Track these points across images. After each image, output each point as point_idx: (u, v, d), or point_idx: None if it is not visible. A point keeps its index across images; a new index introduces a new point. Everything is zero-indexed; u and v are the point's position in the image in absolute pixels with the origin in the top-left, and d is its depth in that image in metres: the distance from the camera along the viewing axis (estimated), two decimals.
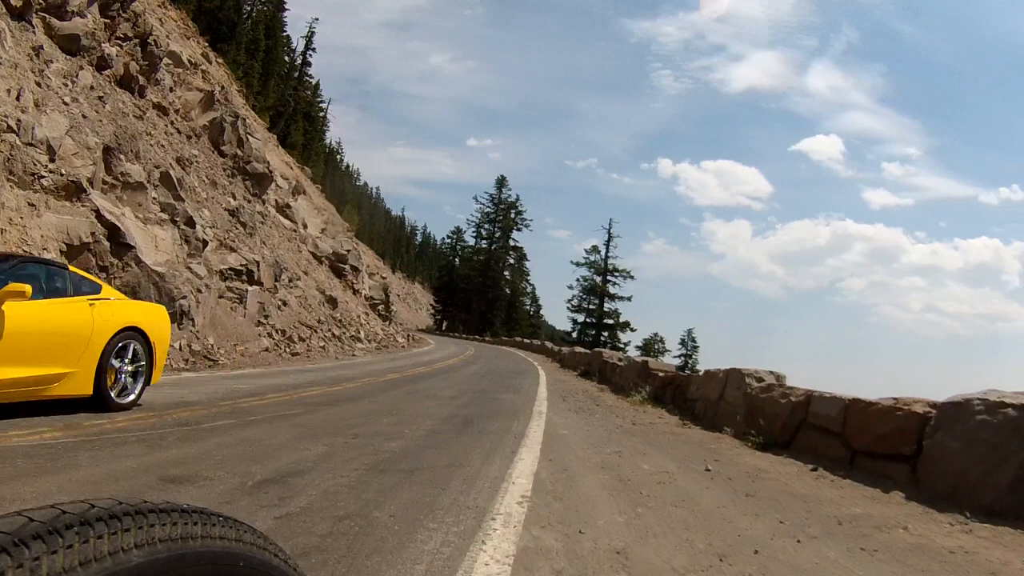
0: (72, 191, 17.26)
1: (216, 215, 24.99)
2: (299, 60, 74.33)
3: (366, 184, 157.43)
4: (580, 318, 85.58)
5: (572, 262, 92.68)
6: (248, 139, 34.56)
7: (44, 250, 15.69)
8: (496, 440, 9.11)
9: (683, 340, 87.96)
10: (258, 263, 24.07)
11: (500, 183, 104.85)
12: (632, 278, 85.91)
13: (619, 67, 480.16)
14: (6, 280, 7.21)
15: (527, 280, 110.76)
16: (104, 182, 19.02)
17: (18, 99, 17.18)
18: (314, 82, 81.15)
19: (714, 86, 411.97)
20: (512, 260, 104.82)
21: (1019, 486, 5.93)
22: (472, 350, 48.59)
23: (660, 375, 17.57)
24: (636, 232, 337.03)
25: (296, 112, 71.07)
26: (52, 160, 17.04)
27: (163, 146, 24.31)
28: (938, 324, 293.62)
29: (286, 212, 38.34)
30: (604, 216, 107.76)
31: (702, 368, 22.50)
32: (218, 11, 54.19)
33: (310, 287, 32.59)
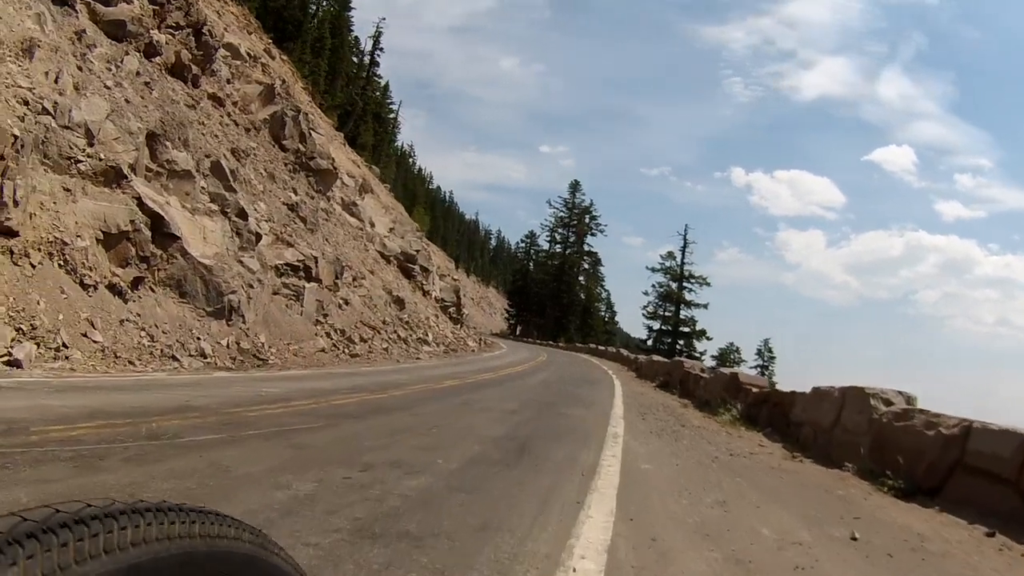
0: (112, 177, 15.96)
1: (273, 209, 23.60)
2: (367, 60, 73.95)
3: (439, 187, 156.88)
4: (655, 325, 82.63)
5: (648, 267, 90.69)
6: (311, 134, 33.42)
7: (77, 237, 14.39)
8: (557, 479, 6.98)
9: (759, 350, 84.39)
10: (316, 259, 22.52)
11: (574, 188, 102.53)
12: (708, 284, 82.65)
13: (689, 73, 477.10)
14: None
15: (602, 286, 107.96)
16: (148, 169, 17.71)
17: (56, 82, 16.01)
18: (383, 83, 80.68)
19: (784, 93, 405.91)
20: (586, 265, 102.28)
21: None
22: (544, 356, 46.64)
23: (753, 391, 15.45)
24: (710, 240, 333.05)
25: (365, 112, 70.52)
26: (91, 144, 15.81)
27: (216, 136, 23.06)
28: (1012, 337, 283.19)
29: (352, 210, 37.09)
30: (678, 224, 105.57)
31: (779, 380, 20.36)
32: (283, 10, 53.73)
33: (376, 287, 31.16)
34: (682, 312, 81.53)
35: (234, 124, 26.40)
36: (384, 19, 70.55)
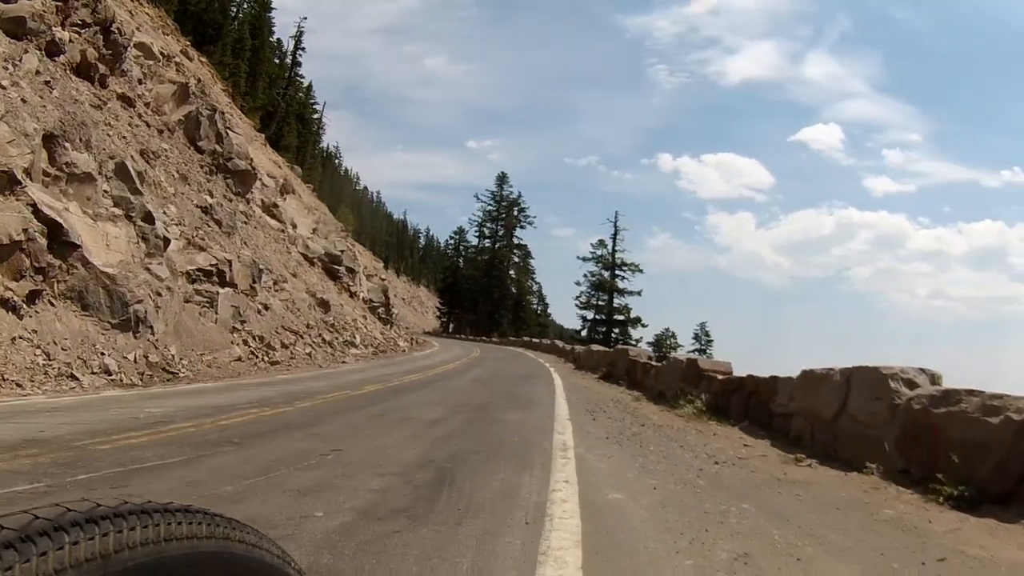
0: (3, 183, 14.89)
1: (185, 212, 22.57)
2: (288, 61, 72.55)
3: (366, 188, 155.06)
4: (589, 315, 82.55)
5: (579, 257, 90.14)
6: (228, 134, 32.33)
7: None
8: (485, 537, 4.85)
9: (696, 334, 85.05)
10: (230, 263, 21.57)
11: (501, 180, 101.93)
12: (641, 271, 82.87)
13: (615, 64, 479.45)
14: None
15: (533, 279, 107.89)
16: (46, 173, 16.64)
17: None
18: (306, 84, 79.43)
19: (711, 79, 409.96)
20: (517, 258, 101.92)
21: None
22: (478, 352, 46.13)
23: (719, 378, 13.80)
24: (640, 228, 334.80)
25: (288, 114, 69.38)
26: None
27: (124, 137, 21.96)
28: (946, 309, 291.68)
29: (273, 212, 36.09)
30: (607, 213, 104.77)
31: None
32: (203, 13, 52.56)
33: (299, 290, 30.28)
34: (616, 300, 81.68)
35: (145, 125, 25.26)
36: (305, 19, 69.40)
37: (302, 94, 77.87)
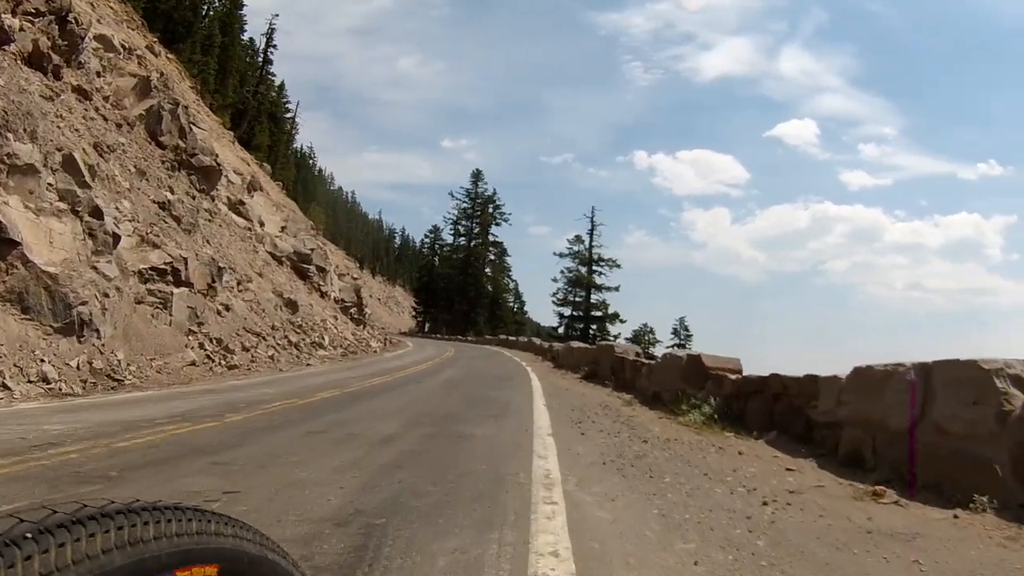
0: None
1: (140, 207, 21.39)
2: (260, 58, 71.26)
3: (340, 188, 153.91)
4: (567, 312, 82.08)
5: (555, 253, 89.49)
6: (192, 130, 31.12)
7: None
8: None
9: (675, 329, 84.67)
10: (186, 260, 20.38)
11: (476, 177, 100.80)
12: (618, 267, 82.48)
13: (589, 61, 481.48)
14: None
15: (509, 276, 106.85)
16: None
17: None
18: (278, 83, 78.16)
19: (685, 75, 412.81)
20: (492, 256, 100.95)
21: None
22: (452, 351, 45.08)
23: (731, 377, 11.79)
24: (616, 225, 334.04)
25: (260, 113, 68.08)
26: None
27: (76, 130, 20.82)
28: (923, 300, 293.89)
29: (239, 209, 34.91)
30: (583, 211, 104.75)
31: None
32: (173, 11, 51.14)
33: (264, 290, 29.18)
34: (593, 296, 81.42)
35: (102, 119, 24.10)
36: (277, 15, 67.53)
37: (274, 93, 76.71)
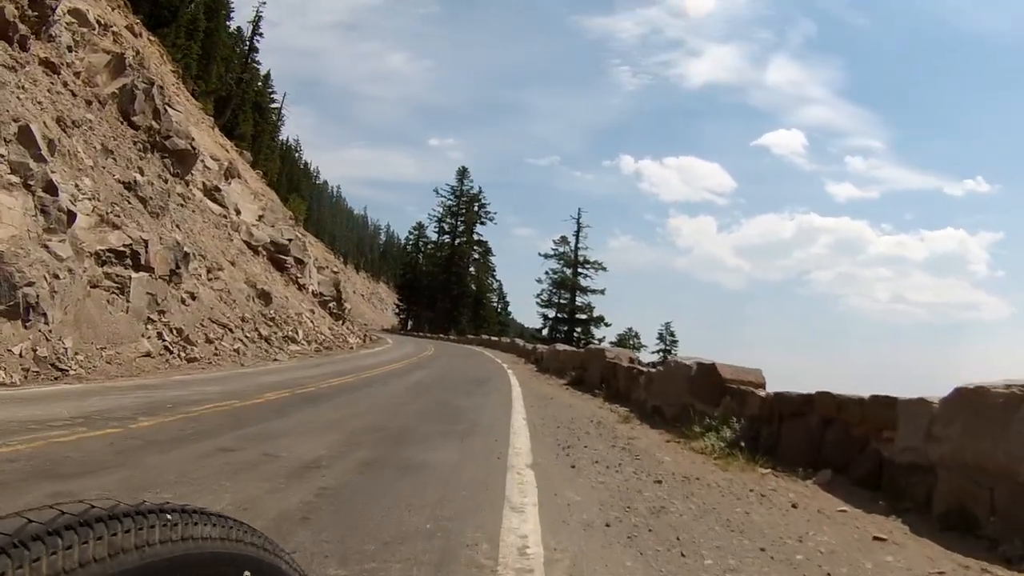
0: None
1: (102, 186, 20.10)
2: (246, 46, 70.01)
3: (326, 183, 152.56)
4: (551, 313, 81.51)
5: (540, 254, 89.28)
6: (167, 111, 29.86)
7: None
8: None
9: (661, 334, 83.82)
10: (146, 243, 19.07)
11: (461, 174, 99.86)
12: (604, 269, 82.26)
13: (578, 64, 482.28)
14: None
15: (493, 276, 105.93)
16: None
17: None
18: (264, 73, 76.91)
19: (673, 81, 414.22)
20: (477, 255, 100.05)
21: None
22: (432, 350, 44.07)
23: (758, 394, 9.39)
24: (602, 229, 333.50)
25: (244, 102, 66.83)
26: None
27: (39, 103, 19.60)
28: (906, 313, 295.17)
29: (214, 196, 33.69)
30: (568, 213, 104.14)
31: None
32: None
33: (236, 279, 27.94)
34: (578, 299, 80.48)
35: (70, 94, 22.85)
36: (264, 3, 66.09)
37: (260, 83, 75.54)
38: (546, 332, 78.79)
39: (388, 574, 4.16)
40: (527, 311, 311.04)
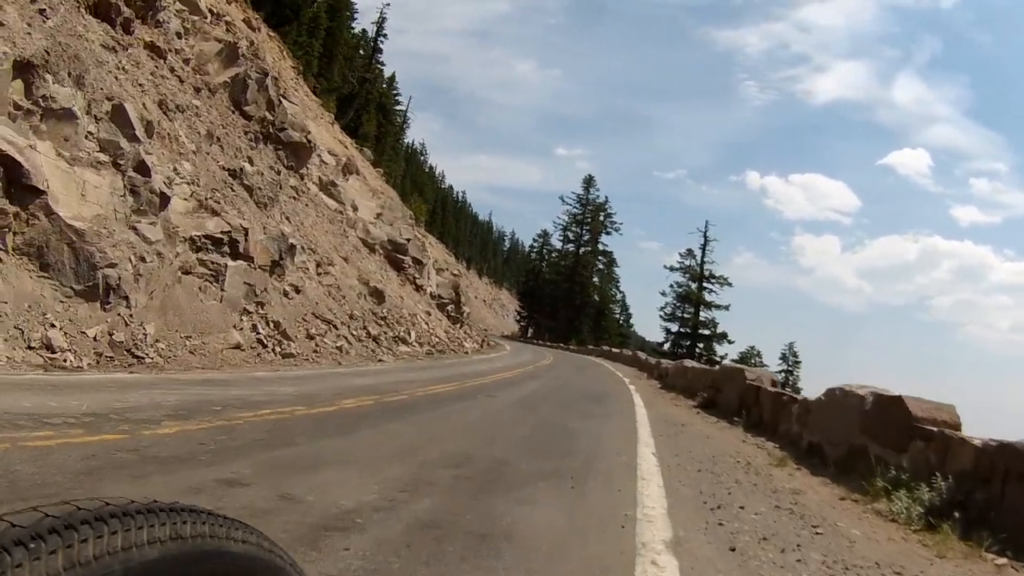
0: None
1: (203, 171, 18.99)
2: (371, 46, 69.96)
3: (451, 187, 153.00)
4: (674, 327, 78.21)
5: (666, 266, 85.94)
6: (281, 102, 29.02)
7: None
8: None
9: (784, 354, 79.68)
10: (246, 231, 17.71)
11: (588, 183, 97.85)
12: (730, 285, 78.21)
13: (704, 77, 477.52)
14: None
15: (617, 287, 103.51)
16: (17, 106, 13.27)
17: None
18: (388, 74, 76.98)
19: (799, 97, 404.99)
20: (601, 265, 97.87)
21: None
22: (550, 359, 42.06)
23: (970, 443, 6.86)
24: (725, 245, 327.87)
25: (368, 103, 66.66)
26: None
27: (140, 85, 18.66)
28: None
29: (330, 191, 32.75)
30: (692, 228, 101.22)
31: (805, 386, 13.43)
32: None
33: (348, 275, 26.73)
34: (702, 314, 77.03)
35: (177, 80, 22.03)
36: (388, 4, 65.96)
37: (384, 85, 75.40)
38: (668, 346, 75.72)
39: None
40: (649, 324, 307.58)
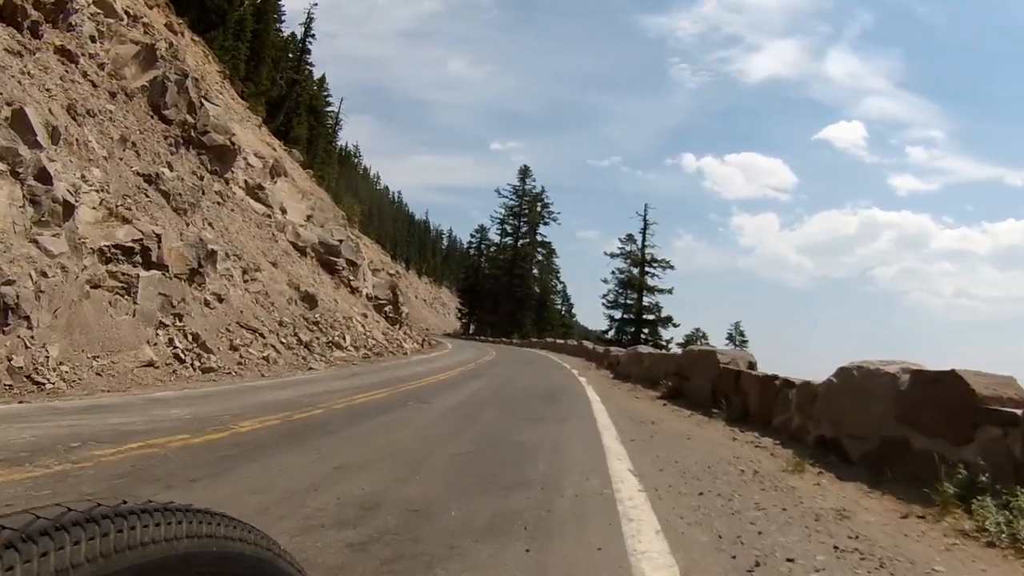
0: None
1: (115, 178, 17.99)
2: (299, 48, 68.80)
3: (387, 188, 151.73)
4: (617, 314, 78.43)
5: (606, 253, 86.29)
6: (203, 104, 28.01)
7: None
8: None
9: (731, 334, 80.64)
10: (159, 238, 16.81)
11: (523, 174, 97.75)
12: (672, 268, 78.71)
13: (637, 64, 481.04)
14: None
15: (557, 278, 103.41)
16: None
17: None
18: (318, 76, 75.85)
19: (733, 78, 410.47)
20: (540, 256, 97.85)
21: None
22: (492, 354, 41.58)
23: None
24: (665, 229, 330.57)
25: (299, 105, 65.43)
26: None
27: (48, 90, 17.68)
28: (971, 308, 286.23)
29: (257, 195, 31.75)
30: (630, 214, 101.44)
31: (760, 365, 12.59)
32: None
33: (278, 281, 25.86)
34: (645, 299, 77.17)
35: (90, 85, 20.99)
36: (316, 4, 64.77)
37: (315, 87, 74.17)
38: (612, 333, 76.04)
39: None
40: (592, 313, 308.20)
